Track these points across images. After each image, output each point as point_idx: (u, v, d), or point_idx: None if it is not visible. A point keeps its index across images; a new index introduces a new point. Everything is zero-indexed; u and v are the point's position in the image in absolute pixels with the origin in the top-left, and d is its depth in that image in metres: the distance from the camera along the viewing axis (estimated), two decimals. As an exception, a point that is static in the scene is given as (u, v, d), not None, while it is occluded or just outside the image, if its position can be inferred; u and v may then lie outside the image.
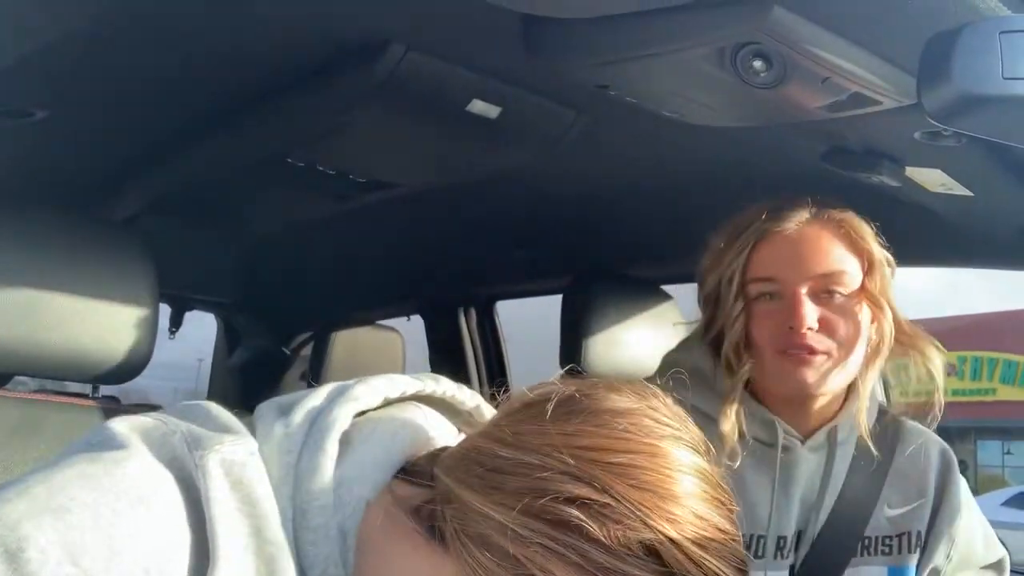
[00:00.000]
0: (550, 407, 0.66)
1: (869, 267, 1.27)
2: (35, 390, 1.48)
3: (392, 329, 3.06)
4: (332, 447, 0.68)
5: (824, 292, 1.24)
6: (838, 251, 1.25)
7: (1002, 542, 1.48)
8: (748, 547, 1.26)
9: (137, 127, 1.58)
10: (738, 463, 1.21)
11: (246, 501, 0.63)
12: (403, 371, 2.24)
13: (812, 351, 1.22)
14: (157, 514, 0.60)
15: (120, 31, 1.21)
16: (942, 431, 1.41)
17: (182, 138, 1.62)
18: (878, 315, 1.27)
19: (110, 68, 1.33)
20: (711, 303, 1.33)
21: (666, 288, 2.05)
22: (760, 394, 1.30)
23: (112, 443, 0.64)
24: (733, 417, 1.22)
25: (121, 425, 0.65)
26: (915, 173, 1.39)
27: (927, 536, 1.34)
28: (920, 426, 1.39)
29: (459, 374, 2.83)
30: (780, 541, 1.28)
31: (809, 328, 1.21)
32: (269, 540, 0.64)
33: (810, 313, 1.22)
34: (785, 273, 1.24)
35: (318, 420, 0.70)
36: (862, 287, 1.26)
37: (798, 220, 1.26)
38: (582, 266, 2.23)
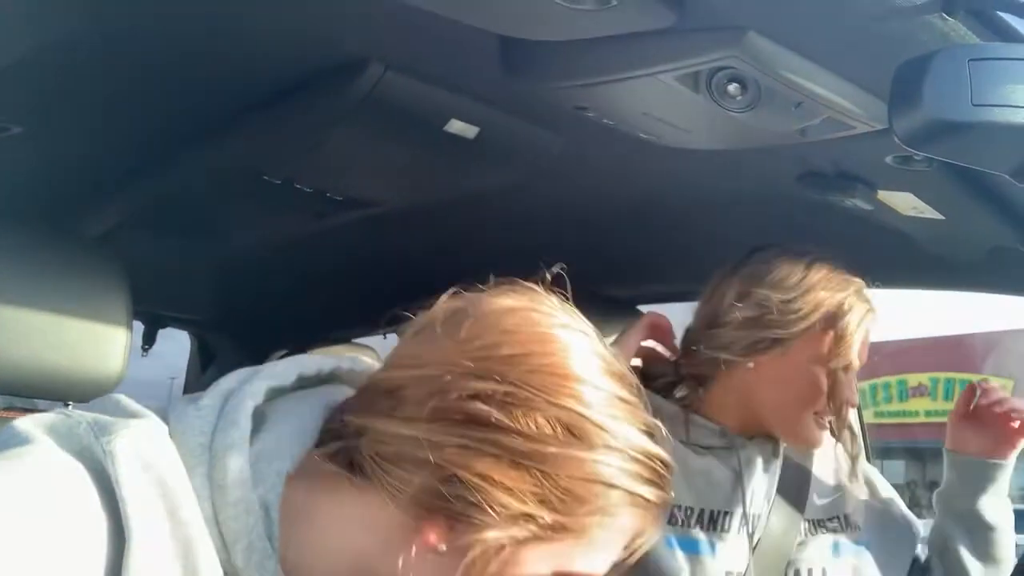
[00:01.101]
0: (439, 324, 0.70)
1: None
2: (3, 407, 1.46)
3: (368, 347, 3.04)
4: (245, 421, 0.68)
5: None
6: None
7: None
8: (715, 521, 1.41)
9: (113, 143, 1.57)
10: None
11: (158, 483, 0.62)
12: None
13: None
14: (68, 504, 0.59)
15: (98, 48, 1.21)
16: (915, 451, 1.48)
17: (158, 154, 1.61)
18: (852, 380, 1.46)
19: (87, 84, 1.32)
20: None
21: (642, 308, 2.06)
22: (711, 410, 1.45)
23: (17, 439, 0.63)
24: None
25: (25, 423, 0.65)
26: (887, 196, 1.41)
27: (879, 527, 1.52)
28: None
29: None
30: (743, 519, 1.43)
31: None
32: (184, 521, 0.62)
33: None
34: (857, 359, 1.41)
35: (230, 398, 0.70)
36: None
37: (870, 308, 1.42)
38: (559, 285, 2.23)
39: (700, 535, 1.39)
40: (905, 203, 1.42)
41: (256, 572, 0.65)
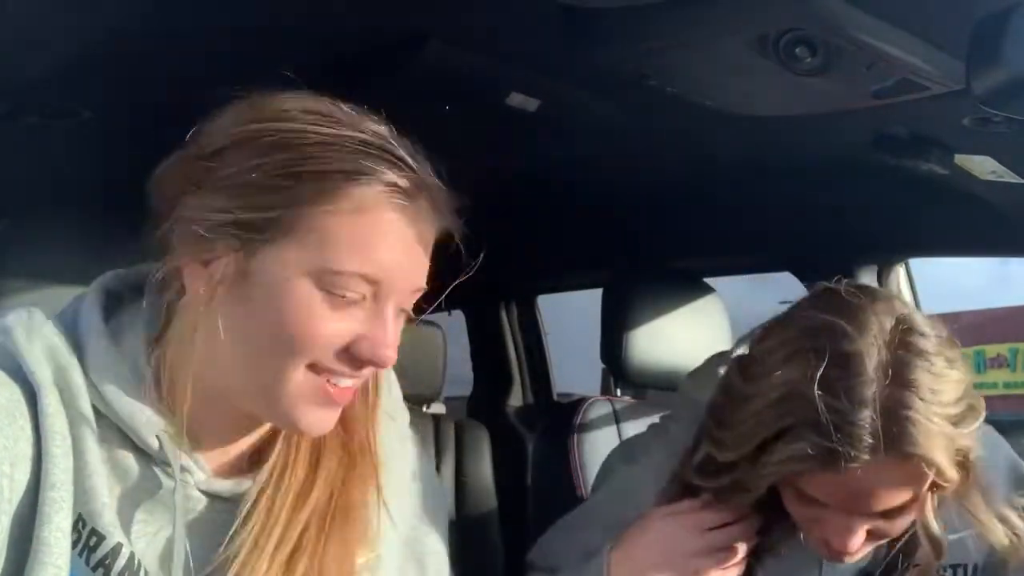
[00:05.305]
0: None
1: (936, 487, 1.06)
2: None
3: (434, 323, 3.07)
4: (93, 296, 0.93)
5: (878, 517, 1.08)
6: (903, 493, 1.05)
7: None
8: None
9: (178, 126, 1.59)
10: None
11: (46, 349, 0.84)
12: (444, 364, 2.22)
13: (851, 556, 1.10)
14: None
15: (164, 32, 1.22)
16: (994, 425, 1.40)
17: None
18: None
19: (155, 69, 1.34)
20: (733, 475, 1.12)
21: (708, 280, 2.03)
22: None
23: None
24: None
25: None
26: (964, 160, 1.37)
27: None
28: None
29: (500, 367, 2.83)
30: None
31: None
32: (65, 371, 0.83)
33: (857, 542, 1.08)
34: (841, 505, 1.07)
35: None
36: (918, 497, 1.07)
37: (865, 459, 1.00)
38: (623, 259, 2.22)
39: None
40: (983, 167, 1.38)
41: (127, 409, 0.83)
